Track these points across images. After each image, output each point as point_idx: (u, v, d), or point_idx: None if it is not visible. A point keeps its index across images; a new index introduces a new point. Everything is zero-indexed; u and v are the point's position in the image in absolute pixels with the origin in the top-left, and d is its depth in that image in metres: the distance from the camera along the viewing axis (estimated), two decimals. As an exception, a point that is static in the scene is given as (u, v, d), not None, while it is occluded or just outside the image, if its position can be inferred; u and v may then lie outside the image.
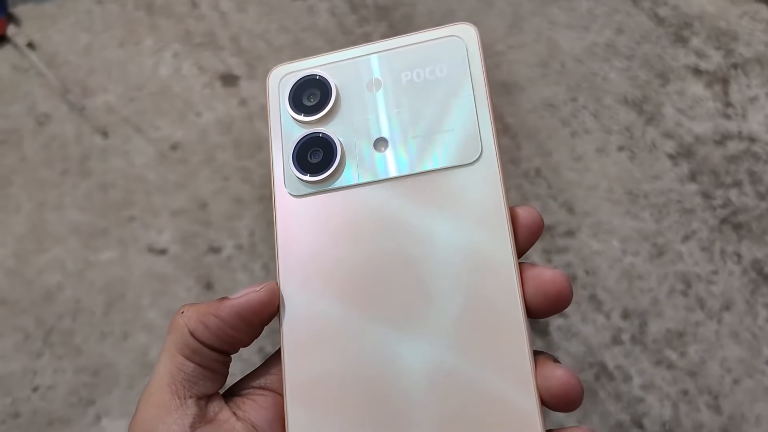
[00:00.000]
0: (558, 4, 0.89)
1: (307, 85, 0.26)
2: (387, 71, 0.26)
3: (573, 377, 0.22)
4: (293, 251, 0.24)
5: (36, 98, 0.85)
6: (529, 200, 0.76)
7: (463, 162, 0.24)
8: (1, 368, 0.68)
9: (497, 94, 0.83)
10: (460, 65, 0.25)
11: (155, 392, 0.23)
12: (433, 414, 0.22)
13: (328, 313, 0.24)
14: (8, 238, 0.75)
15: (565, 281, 0.23)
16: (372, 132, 0.25)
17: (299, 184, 0.25)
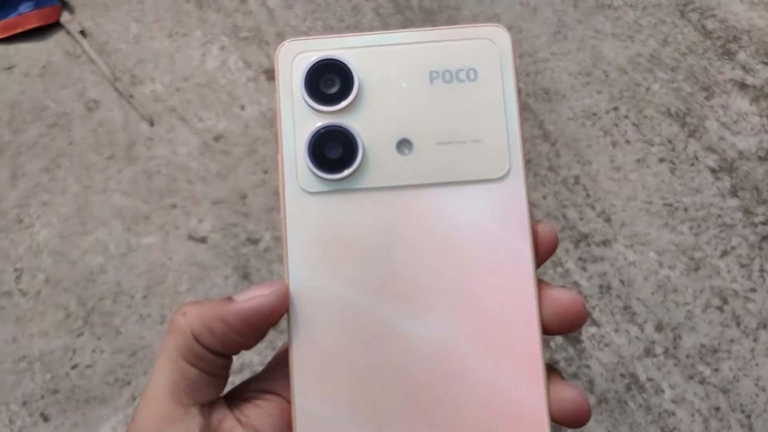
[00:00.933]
0: (604, 13, 0.89)
1: (325, 69, 0.24)
2: (414, 66, 0.24)
3: (584, 399, 0.22)
4: (304, 249, 0.23)
5: (86, 84, 0.87)
6: (567, 208, 0.76)
7: (490, 177, 0.23)
8: (42, 345, 0.70)
9: (539, 100, 0.83)
10: (492, 72, 0.24)
11: (156, 400, 0.22)
12: (443, 411, 0.22)
13: (339, 312, 0.23)
14: (54, 218, 0.77)
15: (582, 306, 0.23)
16: (396, 132, 0.23)
17: (314, 181, 0.23)
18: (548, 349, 0.68)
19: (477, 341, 0.22)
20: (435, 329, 0.22)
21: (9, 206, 0.78)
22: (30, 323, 0.71)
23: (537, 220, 0.25)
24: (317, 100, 0.23)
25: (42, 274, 0.74)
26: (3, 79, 0.87)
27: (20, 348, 0.70)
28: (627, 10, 0.89)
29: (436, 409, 0.22)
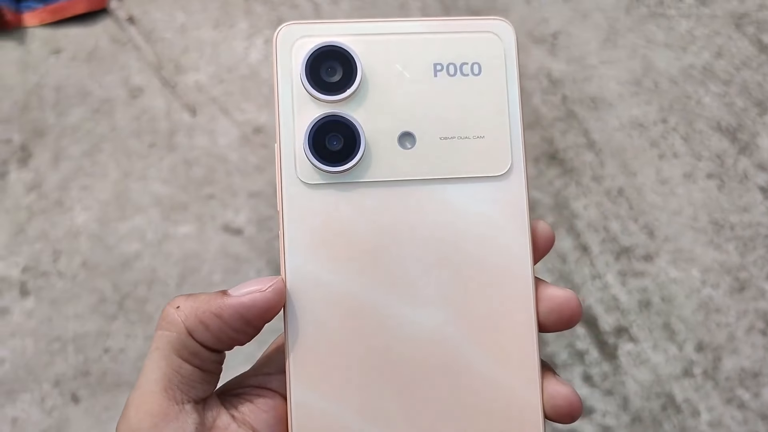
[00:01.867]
0: (656, 22, 0.87)
1: (327, 56, 0.23)
2: (418, 58, 0.23)
3: (576, 396, 0.23)
4: (302, 242, 0.22)
5: (131, 71, 0.88)
6: (609, 219, 0.74)
7: (492, 174, 0.23)
8: (77, 327, 0.71)
9: (585, 108, 0.81)
10: (497, 67, 0.23)
11: (149, 397, 0.21)
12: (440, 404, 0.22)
13: (337, 307, 0.22)
14: (94, 203, 0.78)
15: (578, 304, 0.23)
16: (398, 124, 0.23)
17: (313, 173, 0.23)
18: (582, 363, 0.67)
19: (474, 336, 0.23)
20: (433, 324, 0.23)
21: (50, 188, 0.79)
22: (66, 305, 0.72)
23: (534, 218, 0.24)
24: (318, 89, 0.23)
25: (79, 258, 0.75)
26: (50, 63, 0.88)
27: (55, 329, 0.71)
28: (680, 20, 0.87)
29: (433, 403, 0.22)
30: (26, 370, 0.69)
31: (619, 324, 0.69)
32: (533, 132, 0.80)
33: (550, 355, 0.67)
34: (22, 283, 0.73)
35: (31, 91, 0.86)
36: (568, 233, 0.73)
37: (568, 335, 0.68)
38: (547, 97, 0.82)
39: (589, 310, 0.69)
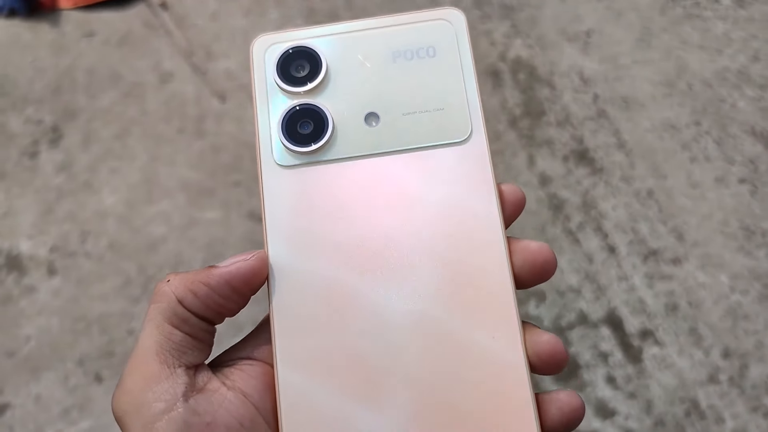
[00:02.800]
0: (692, 24, 0.86)
1: (295, 56, 0.26)
2: (377, 48, 0.26)
3: (558, 342, 0.23)
4: (281, 221, 0.24)
5: (162, 56, 0.88)
6: (637, 221, 0.73)
7: (454, 140, 0.25)
8: (102, 308, 0.71)
9: (616, 107, 0.80)
10: (450, 48, 0.26)
11: (142, 362, 0.22)
12: (423, 372, 0.23)
13: (317, 280, 0.23)
14: (122, 185, 0.79)
15: (550, 253, 0.24)
16: (363, 106, 0.25)
17: (288, 155, 0.25)
18: (607, 366, 0.66)
19: (452, 298, 0.23)
20: (410, 290, 0.23)
21: (80, 169, 0.80)
22: (91, 285, 0.73)
23: (503, 182, 0.26)
24: (289, 83, 0.25)
25: (106, 239, 0.75)
26: (83, 45, 0.89)
27: (80, 308, 0.71)
28: (717, 22, 0.85)
29: (415, 368, 0.23)
30: (51, 348, 0.69)
31: (644, 327, 0.68)
32: (563, 130, 0.79)
33: (573, 355, 0.67)
34: (50, 262, 0.74)
35: (64, 73, 0.87)
36: (596, 233, 0.73)
37: (593, 336, 0.67)
38: (578, 96, 0.82)
39: (614, 311, 0.69)
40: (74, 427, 0.65)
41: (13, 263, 0.74)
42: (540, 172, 0.77)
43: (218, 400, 0.22)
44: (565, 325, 0.68)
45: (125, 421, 0.22)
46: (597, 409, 0.64)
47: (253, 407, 0.23)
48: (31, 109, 0.84)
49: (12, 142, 0.82)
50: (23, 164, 0.80)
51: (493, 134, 0.80)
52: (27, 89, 0.86)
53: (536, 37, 0.87)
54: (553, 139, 0.79)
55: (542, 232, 0.73)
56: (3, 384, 0.68)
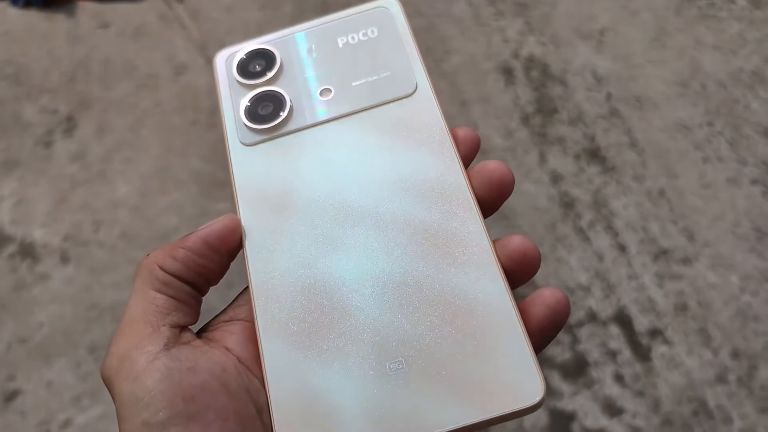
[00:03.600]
0: (707, 24, 0.85)
1: (252, 58, 0.29)
2: (324, 39, 0.29)
3: (528, 240, 0.24)
4: (250, 191, 0.26)
5: (176, 49, 0.89)
6: (648, 220, 0.73)
7: (402, 95, 0.27)
8: (114, 296, 0.72)
9: (629, 106, 0.80)
10: (389, 26, 0.28)
11: (127, 327, 0.23)
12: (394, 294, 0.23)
13: (289, 240, 0.25)
14: (135, 176, 0.79)
15: (506, 168, 0.25)
16: (316, 85, 0.28)
17: (252, 134, 0.27)
18: (615, 364, 0.66)
19: (419, 228, 0.24)
20: (378, 230, 0.24)
21: (93, 159, 0.80)
22: (104, 274, 0.73)
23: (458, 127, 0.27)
24: (248, 78, 0.28)
25: (119, 228, 0.76)
26: (98, 36, 0.90)
27: (93, 296, 0.72)
28: (732, 22, 0.85)
29: (390, 296, 0.23)
30: (63, 335, 0.70)
31: (654, 326, 0.68)
32: (575, 128, 0.79)
33: (582, 352, 0.67)
34: (63, 250, 0.75)
35: (79, 64, 0.88)
36: (606, 232, 0.73)
37: (601, 334, 0.68)
38: (591, 94, 0.82)
39: (624, 310, 0.69)
40: (85, 413, 0.66)
41: (27, 251, 0.75)
42: (551, 170, 0.77)
43: (201, 351, 0.22)
44: (574, 322, 0.68)
45: (112, 381, 0.22)
46: (604, 407, 0.65)
47: (234, 358, 0.23)
48: (47, 99, 0.85)
49: (27, 131, 0.82)
50: (38, 153, 0.81)
51: (505, 131, 0.80)
52: (42, 79, 0.86)
53: (550, 34, 0.87)
54: (565, 137, 0.79)
55: (552, 230, 0.73)
56: (15, 370, 0.69)
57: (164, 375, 0.21)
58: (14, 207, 0.77)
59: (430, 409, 0.21)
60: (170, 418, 0.21)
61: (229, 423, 0.21)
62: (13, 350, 0.70)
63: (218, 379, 0.22)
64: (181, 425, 0.21)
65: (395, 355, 0.22)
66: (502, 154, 0.78)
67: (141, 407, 0.21)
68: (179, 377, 0.21)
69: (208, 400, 0.21)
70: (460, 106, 0.82)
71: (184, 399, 0.21)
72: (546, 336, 0.23)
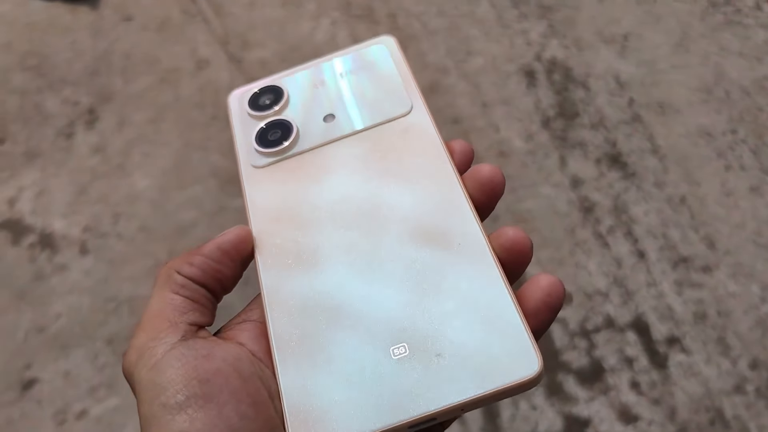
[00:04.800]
0: (732, 30, 0.84)
1: (262, 93, 0.32)
2: (327, 73, 0.32)
3: (520, 230, 0.25)
4: (261, 206, 0.28)
5: (198, 44, 0.89)
6: (669, 227, 0.73)
7: (399, 114, 0.29)
8: (131, 289, 0.72)
9: (651, 112, 0.80)
10: (386, 60, 0.31)
11: (147, 323, 0.24)
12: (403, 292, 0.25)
13: (297, 249, 0.26)
14: (155, 169, 0.79)
15: (497, 172, 0.26)
16: (321, 112, 0.30)
17: (262, 158, 0.29)
18: (632, 371, 0.66)
19: (419, 226, 0.26)
20: (381, 240, 0.26)
21: (113, 152, 0.81)
22: (122, 266, 0.74)
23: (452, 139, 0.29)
24: (259, 111, 0.31)
25: (137, 222, 0.76)
26: (121, 29, 0.90)
27: (110, 288, 0.72)
28: (758, 29, 0.84)
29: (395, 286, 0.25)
30: (81, 326, 0.70)
31: (672, 334, 0.67)
32: (596, 133, 0.79)
33: (598, 358, 0.67)
34: (82, 242, 0.75)
35: (101, 56, 0.88)
36: (626, 238, 0.72)
37: (619, 341, 0.67)
38: (614, 99, 0.81)
39: (642, 317, 0.68)
40: (101, 404, 0.66)
41: (47, 241, 0.75)
42: (572, 174, 0.76)
43: (215, 342, 0.24)
44: (591, 328, 0.68)
45: (132, 372, 0.23)
46: (620, 414, 0.64)
47: (247, 351, 0.24)
48: (69, 91, 0.85)
49: (49, 123, 0.83)
50: (59, 145, 0.81)
51: (526, 134, 0.79)
52: (65, 71, 0.87)
53: (573, 38, 0.86)
54: (586, 142, 0.79)
55: (572, 234, 0.73)
56: (32, 359, 0.69)
57: (181, 362, 0.22)
58: (35, 198, 0.78)
59: (432, 388, 0.23)
60: (187, 399, 0.22)
61: (242, 405, 0.22)
62: (31, 339, 0.70)
63: (232, 365, 0.23)
64: (197, 405, 0.22)
65: (398, 341, 0.24)
66: (523, 157, 0.78)
67: (159, 390, 0.22)
68: (195, 363, 0.23)
69: (222, 383, 0.22)
70: (482, 108, 0.82)
71: (199, 382, 0.22)
72: (542, 320, 0.24)
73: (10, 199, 0.78)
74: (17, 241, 0.75)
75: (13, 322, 0.71)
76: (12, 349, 0.69)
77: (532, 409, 0.64)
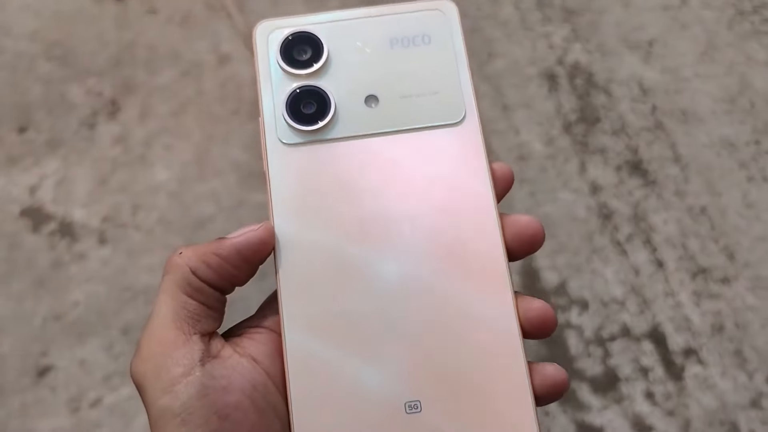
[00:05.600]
0: (759, 40, 0.84)
1: (297, 41, 0.27)
2: (375, 35, 0.27)
3: (549, 308, 0.24)
4: (286, 196, 0.25)
5: (221, 38, 0.90)
6: (688, 237, 0.72)
7: (450, 122, 0.26)
8: (148, 280, 0.73)
9: (674, 120, 0.79)
10: (444, 36, 0.27)
11: (160, 329, 0.23)
12: (421, 337, 0.24)
13: (320, 249, 0.25)
14: (175, 162, 0.80)
15: (539, 226, 0.25)
16: (363, 89, 0.27)
17: (292, 134, 0.26)
18: (647, 381, 0.65)
19: (449, 268, 0.24)
20: (409, 260, 0.24)
21: (135, 143, 0.81)
22: (139, 257, 0.74)
23: (494, 161, 0.27)
24: (292, 66, 0.27)
25: (156, 213, 0.77)
26: (146, 22, 0.91)
27: (127, 278, 0.73)
28: (785, 39, 0.83)
29: (413, 332, 0.24)
30: (97, 315, 0.71)
31: (688, 345, 0.67)
32: (617, 139, 0.78)
33: (613, 367, 0.66)
34: (101, 231, 0.76)
35: (125, 48, 0.89)
36: (645, 246, 0.72)
37: (634, 350, 0.67)
38: (636, 105, 0.80)
39: (658, 327, 0.68)
40: (115, 393, 0.67)
41: (66, 229, 0.76)
42: (591, 180, 0.76)
43: (232, 365, 0.23)
44: (606, 336, 0.68)
45: (145, 386, 0.23)
46: (633, 424, 0.64)
47: (263, 372, 0.24)
48: (93, 81, 0.86)
49: (72, 112, 0.84)
50: (82, 134, 0.82)
51: (547, 138, 0.79)
52: (89, 61, 0.88)
53: (596, 42, 0.86)
54: (606, 148, 0.78)
55: (590, 241, 0.72)
56: (48, 346, 0.70)
57: (200, 393, 0.22)
58: (56, 186, 0.78)
59: None
60: None
61: None
62: (48, 326, 0.71)
63: (249, 398, 0.23)
64: None
65: (414, 395, 0.23)
66: (542, 161, 0.78)
67: (179, 423, 0.22)
68: (214, 396, 0.22)
69: (241, 418, 0.23)
70: (502, 111, 0.82)
71: (219, 418, 0.22)
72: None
73: (31, 187, 0.78)
74: (37, 229, 0.76)
75: (31, 309, 0.72)
76: (29, 335, 0.70)
77: (544, 414, 0.64)
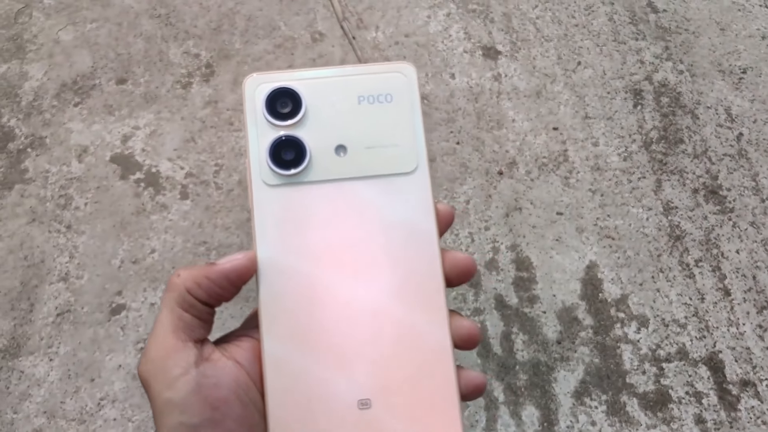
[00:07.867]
0: None
1: (280, 95, 0.31)
2: (346, 92, 0.32)
3: (476, 327, 0.31)
4: (267, 228, 0.30)
5: (317, 16, 0.92)
6: (759, 269, 0.71)
7: (403, 171, 0.31)
8: (222, 237, 0.76)
9: (760, 150, 0.78)
10: (404, 96, 0.32)
11: (162, 337, 0.29)
12: (375, 348, 0.29)
13: (295, 274, 0.30)
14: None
15: (471, 261, 0.31)
16: (334, 140, 0.31)
17: (273, 176, 0.31)
18: (700, 406, 0.65)
19: (397, 291, 0.30)
20: (365, 284, 0.30)
21: (225, 107, 0.85)
22: (217, 215, 0.77)
23: (438, 201, 0.31)
24: (275, 117, 0.31)
25: (237, 176, 0.80)
26: (246, -7, 0.94)
27: (203, 234, 0.76)
28: None
29: (367, 344, 0.30)
30: (171, 264, 0.75)
31: (747, 377, 0.66)
32: (698, 162, 0.78)
33: (665, 387, 0.66)
34: (183, 186, 0.79)
35: (225, 15, 0.92)
36: (713, 273, 0.71)
37: (690, 373, 0.66)
38: (721, 131, 0.79)
39: (717, 354, 0.67)
40: (180, 339, 0.70)
41: (151, 180, 0.80)
42: (666, 200, 0.76)
43: (221, 367, 0.29)
44: (663, 356, 0.67)
45: (150, 383, 0.29)
46: (679, 446, 0.64)
47: (245, 372, 0.29)
48: (191, 43, 0.90)
49: (169, 70, 0.88)
50: (175, 92, 0.86)
51: (625, 153, 0.79)
52: (190, 24, 0.92)
53: (688, 63, 0.85)
54: (686, 169, 0.77)
55: (657, 259, 0.72)
56: (124, 287, 0.74)
57: (196, 388, 0.28)
58: (147, 138, 0.82)
59: None
60: (201, 422, 0.28)
61: (242, 428, 0.29)
62: (125, 268, 0.75)
63: (234, 393, 0.29)
64: (209, 428, 0.28)
65: (366, 394, 0.29)
66: (618, 174, 0.77)
67: (178, 411, 0.28)
68: (207, 391, 0.28)
69: (228, 410, 0.28)
70: (583, 120, 0.82)
71: (211, 408, 0.28)
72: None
73: (124, 136, 0.83)
74: (125, 176, 0.80)
75: (111, 250, 0.76)
76: (107, 274, 0.74)
77: (591, 424, 0.65)
